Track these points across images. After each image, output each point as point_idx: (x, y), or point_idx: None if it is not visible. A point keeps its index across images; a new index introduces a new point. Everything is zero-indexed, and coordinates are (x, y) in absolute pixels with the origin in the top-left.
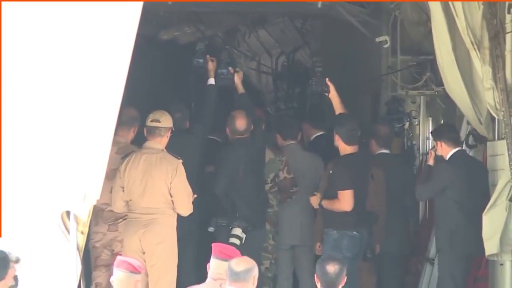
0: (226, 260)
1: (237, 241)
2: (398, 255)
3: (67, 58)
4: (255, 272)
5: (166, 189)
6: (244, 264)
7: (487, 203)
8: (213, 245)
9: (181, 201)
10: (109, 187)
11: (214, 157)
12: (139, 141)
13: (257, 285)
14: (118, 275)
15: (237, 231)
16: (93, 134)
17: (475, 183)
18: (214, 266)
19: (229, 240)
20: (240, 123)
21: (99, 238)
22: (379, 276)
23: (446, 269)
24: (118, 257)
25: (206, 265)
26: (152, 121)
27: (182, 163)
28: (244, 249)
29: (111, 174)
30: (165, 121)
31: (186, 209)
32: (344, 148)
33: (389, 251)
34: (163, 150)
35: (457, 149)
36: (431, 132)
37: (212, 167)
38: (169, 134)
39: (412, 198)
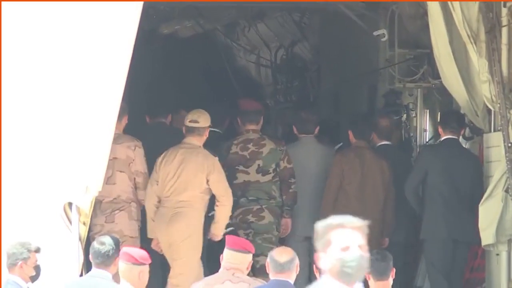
0: (239, 251)
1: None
2: (403, 244)
3: (68, 53)
4: (297, 261)
5: (198, 183)
6: (286, 254)
7: (477, 194)
8: (226, 236)
9: (223, 192)
10: (105, 178)
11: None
12: (137, 134)
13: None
14: (121, 267)
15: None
16: (94, 127)
17: (459, 171)
18: (228, 256)
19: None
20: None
21: (98, 230)
22: None
23: (429, 256)
24: (123, 248)
25: (219, 256)
26: (190, 121)
27: None
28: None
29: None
30: (203, 121)
31: (229, 199)
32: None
33: (394, 241)
34: (200, 146)
35: (447, 136)
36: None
37: None
38: (207, 132)
39: None
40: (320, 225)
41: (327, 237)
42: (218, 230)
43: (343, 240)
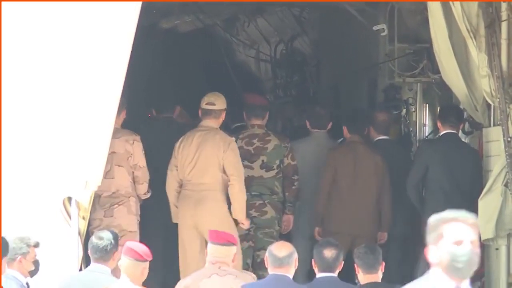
0: (223, 245)
1: None
2: (399, 239)
3: (68, 50)
4: (296, 255)
5: (217, 163)
6: (285, 249)
7: (476, 189)
8: (209, 231)
9: (232, 171)
10: (104, 173)
11: None
12: (143, 129)
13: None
14: (124, 262)
15: None
16: (94, 122)
17: (459, 165)
18: (212, 251)
19: None
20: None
21: (97, 224)
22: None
23: None
24: (127, 243)
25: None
26: (207, 104)
27: None
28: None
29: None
30: (220, 103)
31: (239, 178)
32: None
33: (393, 235)
34: (217, 128)
35: (446, 131)
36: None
37: None
38: (224, 115)
39: None
40: (433, 219)
41: (440, 230)
42: (237, 214)
43: (456, 234)
